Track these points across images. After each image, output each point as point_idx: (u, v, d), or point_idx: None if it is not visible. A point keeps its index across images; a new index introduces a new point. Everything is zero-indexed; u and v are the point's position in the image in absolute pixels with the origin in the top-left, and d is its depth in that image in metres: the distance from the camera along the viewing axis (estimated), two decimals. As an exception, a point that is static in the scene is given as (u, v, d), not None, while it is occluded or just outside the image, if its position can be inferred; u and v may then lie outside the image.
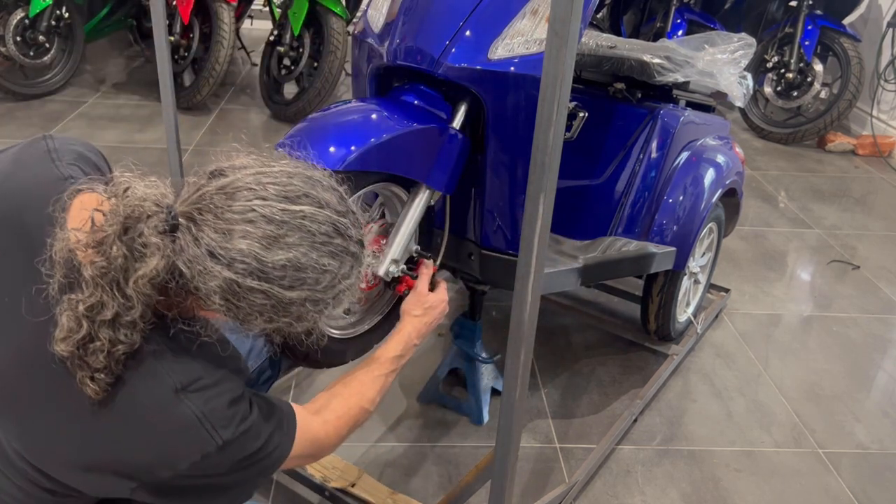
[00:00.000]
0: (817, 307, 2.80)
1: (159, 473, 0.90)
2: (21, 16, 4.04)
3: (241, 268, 0.84)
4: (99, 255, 0.84)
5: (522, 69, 1.44)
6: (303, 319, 0.91)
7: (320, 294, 0.90)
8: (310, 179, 0.90)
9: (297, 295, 0.87)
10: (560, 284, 1.85)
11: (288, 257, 0.85)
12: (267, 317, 0.88)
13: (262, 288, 0.85)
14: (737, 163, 2.31)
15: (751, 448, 2.05)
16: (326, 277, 0.89)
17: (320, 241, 0.88)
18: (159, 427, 0.89)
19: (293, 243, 0.86)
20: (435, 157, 1.44)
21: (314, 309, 0.90)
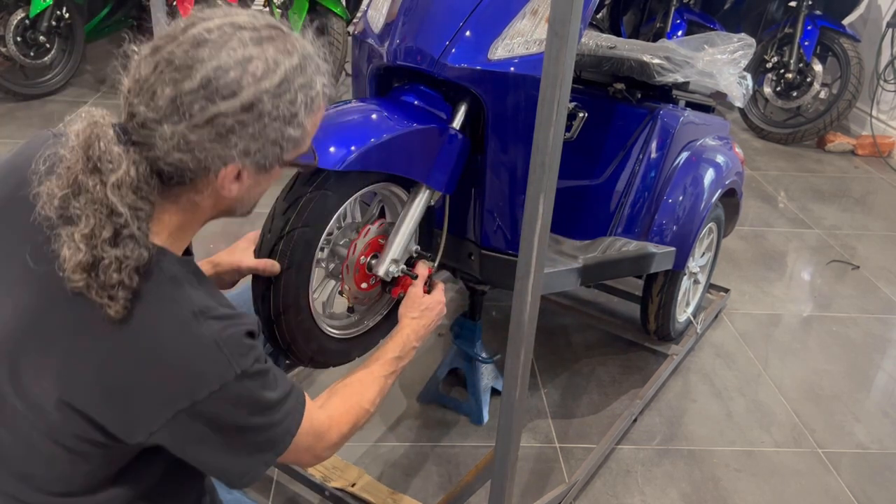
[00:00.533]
0: (817, 307, 2.80)
1: (178, 401, 0.89)
2: (21, 16, 4.04)
3: (196, 109, 0.86)
4: (78, 192, 0.87)
5: (522, 69, 1.44)
6: (277, 121, 0.91)
7: (278, 87, 0.89)
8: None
9: (253, 92, 0.87)
10: (560, 284, 1.85)
11: (227, 60, 0.87)
12: (246, 133, 0.89)
13: (218, 109, 0.87)
14: (736, 163, 2.32)
15: (751, 448, 2.05)
16: (279, 70, 0.89)
17: (263, 35, 0.90)
18: (179, 347, 0.89)
19: (231, 46, 0.88)
20: (435, 158, 1.45)
21: (283, 105, 0.90)
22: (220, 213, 1.00)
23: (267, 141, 0.90)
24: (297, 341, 1.35)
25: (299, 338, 1.35)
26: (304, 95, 0.92)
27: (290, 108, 0.91)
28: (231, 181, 0.93)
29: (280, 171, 0.99)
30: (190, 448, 0.94)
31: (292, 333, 1.34)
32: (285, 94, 0.90)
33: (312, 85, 0.93)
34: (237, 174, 0.93)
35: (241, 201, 0.99)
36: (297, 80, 0.91)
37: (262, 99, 0.88)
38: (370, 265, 1.46)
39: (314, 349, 1.40)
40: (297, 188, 1.32)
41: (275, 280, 1.29)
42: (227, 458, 0.96)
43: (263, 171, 0.95)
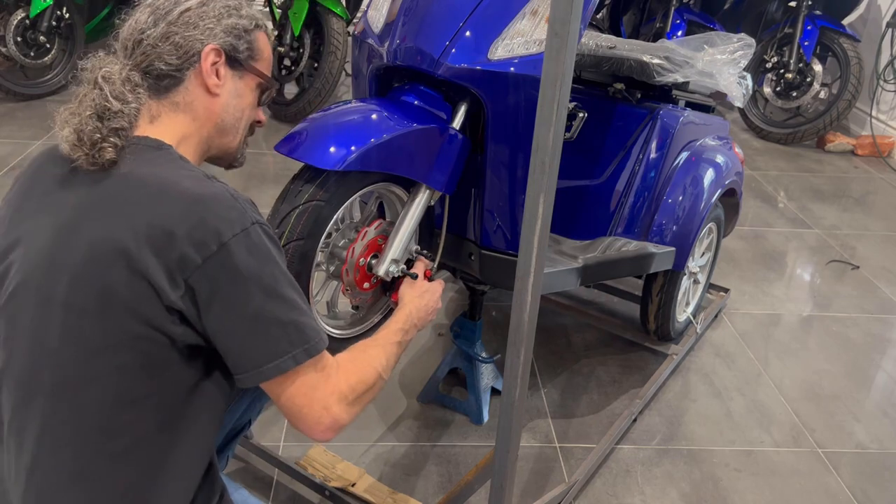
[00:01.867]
0: (817, 307, 2.80)
1: (208, 243, 0.94)
2: (22, 16, 4.05)
3: (169, 13, 1.08)
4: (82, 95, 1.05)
5: (522, 69, 1.44)
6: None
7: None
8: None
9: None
10: (560, 284, 1.85)
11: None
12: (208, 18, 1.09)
13: (183, 7, 1.09)
14: (736, 163, 2.32)
15: (750, 448, 2.06)
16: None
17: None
18: (200, 192, 0.97)
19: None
20: (435, 157, 1.45)
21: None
22: (212, 131, 1.12)
23: (229, 27, 1.10)
24: None
25: None
26: (248, 8, 1.14)
27: (245, 7, 1.13)
28: (212, 69, 1.09)
29: (253, 87, 1.17)
30: (216, 317, 0.96)
31: None
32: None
33: (246, 10, 1.14)
34: (215, 62, 1.09)
35: (224, 109, 1.12)
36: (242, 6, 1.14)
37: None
38: (370, 265, 1.46)
39: None
40: (291, 198, 1.32)
41: None
42: (252, 335, 0.97)
43: (238, 67, 1.12)
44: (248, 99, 1.16)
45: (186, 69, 1.07)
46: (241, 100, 1.15)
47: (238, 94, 1.14)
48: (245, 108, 1.16)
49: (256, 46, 1.14)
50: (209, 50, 1.08)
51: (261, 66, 1.16)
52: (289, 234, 1.29)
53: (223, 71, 1.10)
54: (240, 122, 1.16)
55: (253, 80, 1.16)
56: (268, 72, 1.18)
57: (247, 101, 1.16)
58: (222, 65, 1.10)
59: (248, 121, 1.18)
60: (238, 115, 1.15)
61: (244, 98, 1.15)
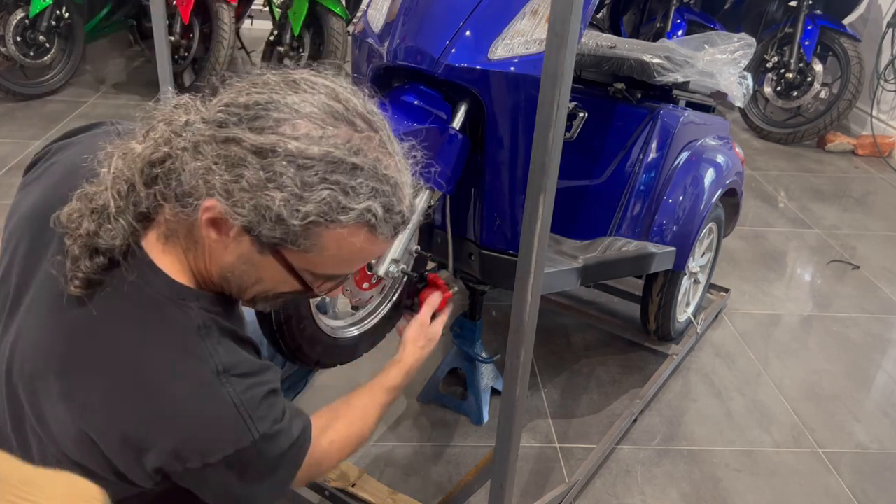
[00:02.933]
0: (817, 307, 2.80)
1: (190, 460, 0.85)
2: (21, 16, 4.04)
3: (225, 124, 0.82)
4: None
5: (522, 69, 1.44)
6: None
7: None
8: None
9: (277, 141, 0.80)
10: (560, 284, 1.85)
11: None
12: (241, 174, 0.80)
13: (238, 134, 0.81)
14: (737, 163, 2.32)
15: (750, 448, 2.05)
16: (323, 146, 0.81)
17: (347, 117, 0.84)
18: (199, 408, 0.85)
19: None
20: (435, 157, 1.45)
21: (296, 178, 0.80)
22: (214, 270, 0.90)
23: (258, 205, 0.79)
24: (301, 348, 1.35)
25: (304, 344, 1.35)
26: (331, 196, 0.79)
27: (300, 189, 0.79)
28: (210, 221, 0.83)
29: (281, 271, 0.88)
30: (194, 486, 0.91)
31: (296, 341, 1.34)
32: (307, 171, 0.78)
33: (351, 196, 0.80)
34: (222, 222, 0.83)
35: (229, 269, 0.88)
36: (334, 175, 0.79)
37: (279, 155, 0.78)
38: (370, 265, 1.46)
39: (320, 352, 1.40)
40: None
41: None
42: (228, 496, 0.93)
43: (255, 246, 0.84)
44: (273, 275, 0.89)
45: (184, 198, 0.83)
46: (257, 270, 0.88)
47: (252, 264, 0.87)
48: (264, 279, 0.90)
49: (317, 243, 0.83)
50: (207, 206, 0.82)
51: (307, 262, 0.86)
52: None
53: (234, 232, 0.84)
54: (251, 287, 0.91)
55: (282, 268, 0.87)
56: (332, 271, 0.89)
57: (268, 275, 0.89)
58: (229, 226, 0.83)
59: (269, 290, 0.92)
60: (250, 281, 0.90)
61: (265, 271, 0.88)
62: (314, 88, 0.83)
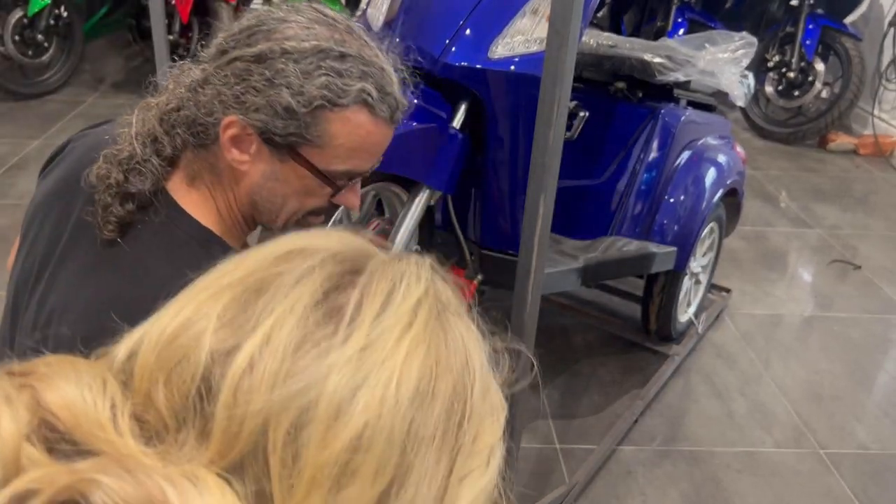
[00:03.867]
0: (818, 307, 2.79)
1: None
2: (20, 15, 4.04)
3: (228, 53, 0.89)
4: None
5: (523, 68, 1.43)
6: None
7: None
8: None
9: (271, 46, 0.87)
10: (560, 284, 1.85)
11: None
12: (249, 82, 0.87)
13: (237, 53, 0.88)
14: (738, 162, 2.31)
15: (752, 448, 2.05)
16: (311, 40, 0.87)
17: (328, 20, 0.90)
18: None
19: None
20: (435, 157, 1.44)
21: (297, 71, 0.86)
22: (243, 198, 0.94)
23: (269, 102, 0.86)
24: None
25: None
26: (329, 81, 0.85)
27: (304, 80, 0.85)
28: (232, 140, 0.88)
29: (303, 177, 0.91)
30: None
31: None
32: (303, 62, 0.85)
33: (345, 79, 0.86)
34: (238, 135, 0.87)
35: (256, 190, 0.92)
36: (326, 62, 0.86)
37: (276, 54, 0.85)
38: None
39: None
40: None
41: None
42: None
43: (273, 150, 0.89)
44: (296, 186, 0.92)
45: (206, 129, 0.89)
46: (281, 184, 0.91)
47: (276, 178, 0.91)
48: (289, 195, 0.93)
49: (326, 131, 0.87)
50: (227, 123, 0.86)
51: (322, 157, 0.89)
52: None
53: (254, 147, 0.88)
54: (280, 208, 0.94)
55: (304, 171, 0.90)
56: (347, 164, 0.91)
57: (292, 187, 0.92)
58: (250, 140, 0.88)
59: (297, 209, 0.95)
60: (277, 200, 0.93)
61: (289, 184, 0.91)
62: (298, 9, 0.91)
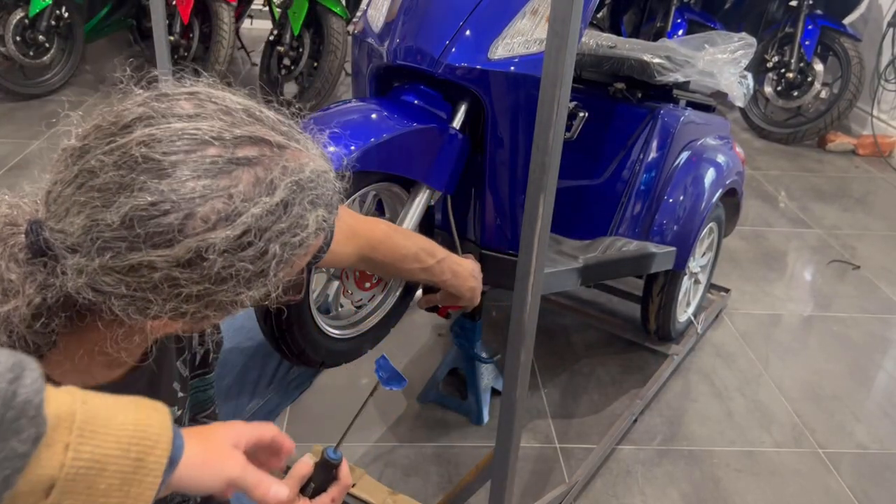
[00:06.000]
0: (818, 307, 2.79)
1: None
2: (21, 15, 4.04)
3: (113, 251, 0.63)
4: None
5: (522, 69, 1.44)
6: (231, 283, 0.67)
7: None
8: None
9: (198, 244, 0.64)
10: (560, 284, 1.85)
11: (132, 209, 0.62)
12: (179, 293, 0.65)
13: (143, 258, 0.63)
14: (737, 163, 2.31)
15: (751, 448, 2.05)
16: (245, 215, 0.65)
17: (238, 157, 0.65)
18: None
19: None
20: (435, 157, 1.44)
21: (242, 263, 0.66)
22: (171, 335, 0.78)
23: (212, 304, 0.67)
24: (304, 352, 1.35)
25: (307, 348, 1.35)
26: (283, 247, 0.67)
27: (252, 267, 0.66)
28: (165, 327, 0.71)
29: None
30: None
31: (299, 346, 1.33)
32: (249, 248, 0.65)
33: (300, 230, 0.69)
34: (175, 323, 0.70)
35: (195, 330, 0.77)
36: (273, 227, 0.66)
37: (209, 255, 0.64)
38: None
39: (324, 354, 1.40)
40: None
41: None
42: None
43: (220, 315, 0.71)
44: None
45: (118, 322, 0.68)
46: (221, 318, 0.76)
47: (219, 318, 0.75)
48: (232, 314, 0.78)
49: (292, 270, 0.74)
50: (156, 325, 0.69)
51: (279, 291, 0.73)
52: None
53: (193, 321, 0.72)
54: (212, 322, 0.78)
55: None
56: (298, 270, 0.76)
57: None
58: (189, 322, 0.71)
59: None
60: (207, 323, 0.77)
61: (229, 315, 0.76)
62: (171, 147, 0.64)
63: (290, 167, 0.68)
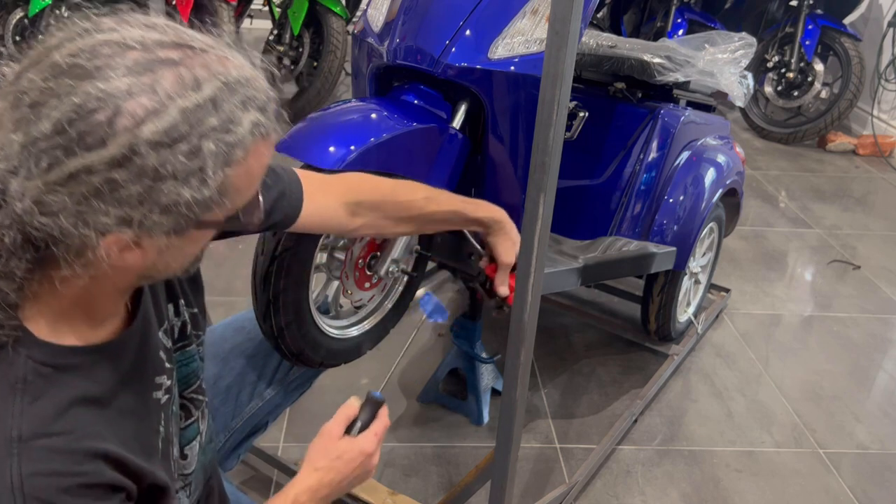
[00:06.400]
0: (818, 307, 2.79)
1: None
2: (20, 16, 4.04)
3: (50, 161, 0.64)
4: None
5: (523, 69, 1.44)
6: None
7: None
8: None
9: (129, 140, 0.65)
10: (560, 284, 1.85)
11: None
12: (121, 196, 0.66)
13: (79, 163, 0.64)
14: (737, 163, 2.31)
15: (751, 448, 2.05)
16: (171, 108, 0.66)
17: (160, 58, 0.67)
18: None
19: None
20: (435, 157, 1.44)
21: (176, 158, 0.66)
22: (138, 280, 0.78)
23: (156, 205, 0.67)
24: (304, 352, 1.35)
25: (306, 348, 1.35)
26: (217, 143, 0.68)
27: (188, 163, 0.66)
28: (122, 251, 0.70)
29: (207, 234, 0.77)
30: None
31: (298, 346, 1.33)
32: (180, 142, 0.66)
33: (233, 127, 0.69)
34: (129, 244, 0.69)
35: (159, 269, 0.76)
36: (204, 123, 0.67)
37: (142, 150, 0.64)
38: (370, 265, 1.46)
39: (323, 354, 1.40)
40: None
41: (273, 300, 1.28)
42: None
43: (174, 235, 0.71)
44: (198, 243, 0.78)
45: (73, 250, 0.69)
46: (180, 251, 0.76)
47: (175, 249, 0.74)
48: (188, 254, 0.78)
49: (231, 188, 0.72)
50: (109, 243, 0.68)
51: (228, 208, 0.73)
52: (286, 238, 1.28)
53: (148, 245, 0.71)
54: (180, 266, 0.79)
55: (209, 230, 0.76)
56: (249, 196, 0.76)
57: (194, 247, 0.77)
58: (148, 241, 0.70)
59: (197, 256, 0.81)
60: (175, 264, 0.78)
61: (190, 247, 0.77)
62: (94, 55, 0.66)
63: (215, 69, 0.69)
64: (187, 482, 0.99)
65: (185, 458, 0.97)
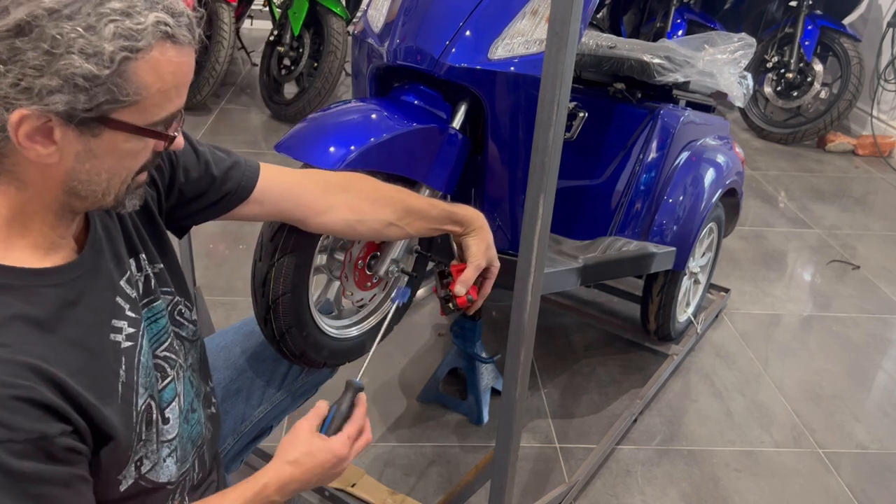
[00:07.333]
0: (817, 307, 2.80)
1: None
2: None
3: None
4: None
5: (522, 69, 1.44)
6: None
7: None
8: None
9: (29, 9, 0.69)
10: (560, 284, 1.85)
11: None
12: (24, 63, 0.69)
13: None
14: (737, 163, 2.31)
15: (751, 448, 2.05)
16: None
17: None
18: None
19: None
20: (435, 157, 1.44)
21: (75, 30, 0.70)
22: (63, 197, 0.79)
23: (60, 78, 0.69)
24: (306, 354, 1.35)
25: (309, 350, 1.35)
26: (117, 25, 0.70)
27: (88, 37, 0.69)
28: (33, 137, 0.72)
29: (124, 142, 0.77)
30: None
31: (300, 348, 1.33)
32: (79, 15, 0.69)
33: (135, 15, 0.71)
34: (35, 127, 0.72)
35: (73, 176, 0.77)
36: (105, 4, 0.70)
37: (41, 18, 0.68)
38: (370, 265, 1.46)
39: (326, 355, 1.40)
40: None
41: (273, 305, 1.28)
42: None
43: (83, 128, 0.73)
44: (119, 154, 0.78)
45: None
46: (101, 159, 0.77)
47: (94, 155, 0.76)
48: (113, 167, 0.79)
49: (137, 83, 0.73)
50: (17, 119, 0.71)
51: (139, 113, 0.75)
52: (285, 239, 1.28)
53: (58, 133, 0.73)
54: (107, 183, 0.80)
55: (126, 135, 0.77)
56: (165, 109, 0.78)
57: (115, 157, 0.78)
58: (50, 128, 0.73)
59: (124, 177, 0.81)
60: (101, 178, 0.79)
61: (110, 155, 0.77)
62: None
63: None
64: (172, 448, 0.98)
65: (166, 423, 0.96)
